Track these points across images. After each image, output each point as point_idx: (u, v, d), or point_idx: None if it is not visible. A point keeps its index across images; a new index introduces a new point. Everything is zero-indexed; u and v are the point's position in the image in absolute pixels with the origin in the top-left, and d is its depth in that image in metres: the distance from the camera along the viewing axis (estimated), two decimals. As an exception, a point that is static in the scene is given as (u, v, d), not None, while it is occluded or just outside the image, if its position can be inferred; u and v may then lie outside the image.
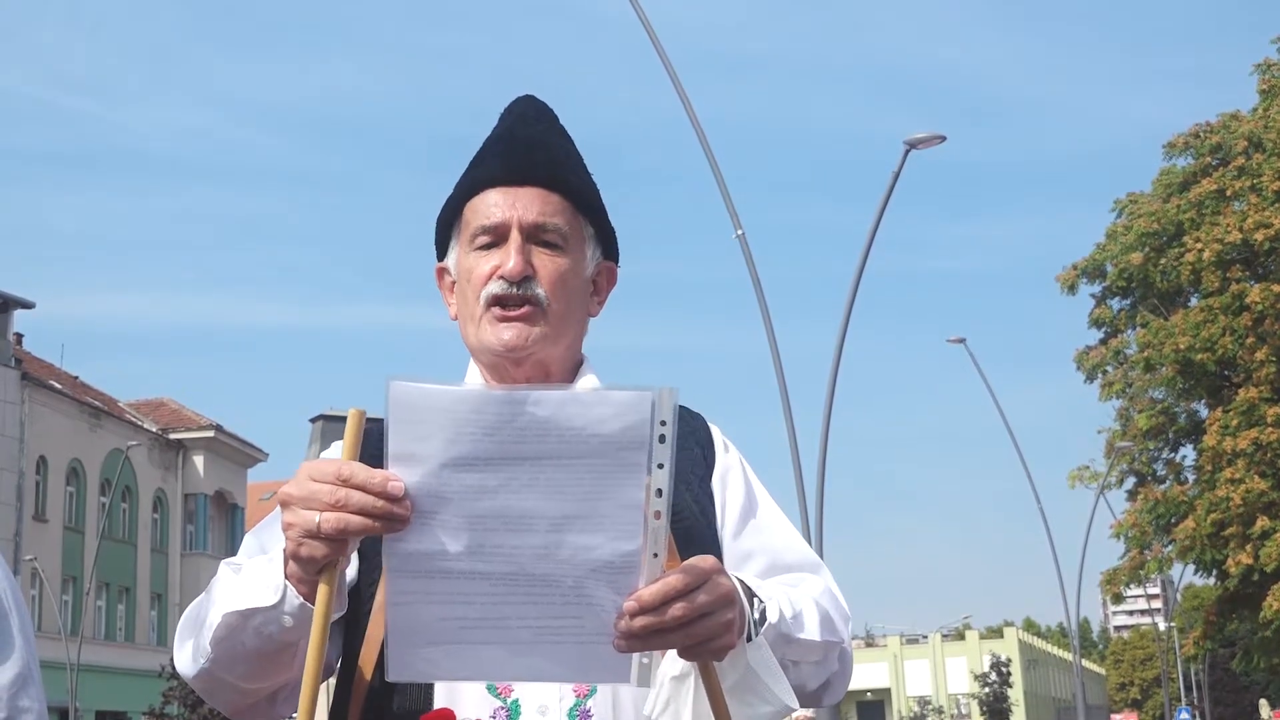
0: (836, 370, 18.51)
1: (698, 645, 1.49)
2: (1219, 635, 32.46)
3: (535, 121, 1.98)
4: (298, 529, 1.48)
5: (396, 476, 1.42)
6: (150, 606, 44.69)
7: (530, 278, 1.87)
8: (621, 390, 1.40)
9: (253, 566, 1.65)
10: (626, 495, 1.41)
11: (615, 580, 1.43)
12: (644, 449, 1.40)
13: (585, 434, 1.39)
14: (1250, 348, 27.26)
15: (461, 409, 1.38)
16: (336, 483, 1.45)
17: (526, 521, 1.41)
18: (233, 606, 1.61)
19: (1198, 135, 30.61)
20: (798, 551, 1.94)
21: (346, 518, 1.44)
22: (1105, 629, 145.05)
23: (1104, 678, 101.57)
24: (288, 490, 1.49)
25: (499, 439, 1.39)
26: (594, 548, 1.42)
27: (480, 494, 1.40)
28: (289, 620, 1.58)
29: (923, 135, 18.40)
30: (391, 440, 1.41)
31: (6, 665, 1.79)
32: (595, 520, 1.42)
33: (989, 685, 64.76)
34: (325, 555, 1.48)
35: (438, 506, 1.42)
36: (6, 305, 39.58)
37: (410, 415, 1.39)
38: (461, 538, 1.42)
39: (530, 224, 1.89)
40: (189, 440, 46.34)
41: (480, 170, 1.95)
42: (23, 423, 38.71)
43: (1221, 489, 26.78)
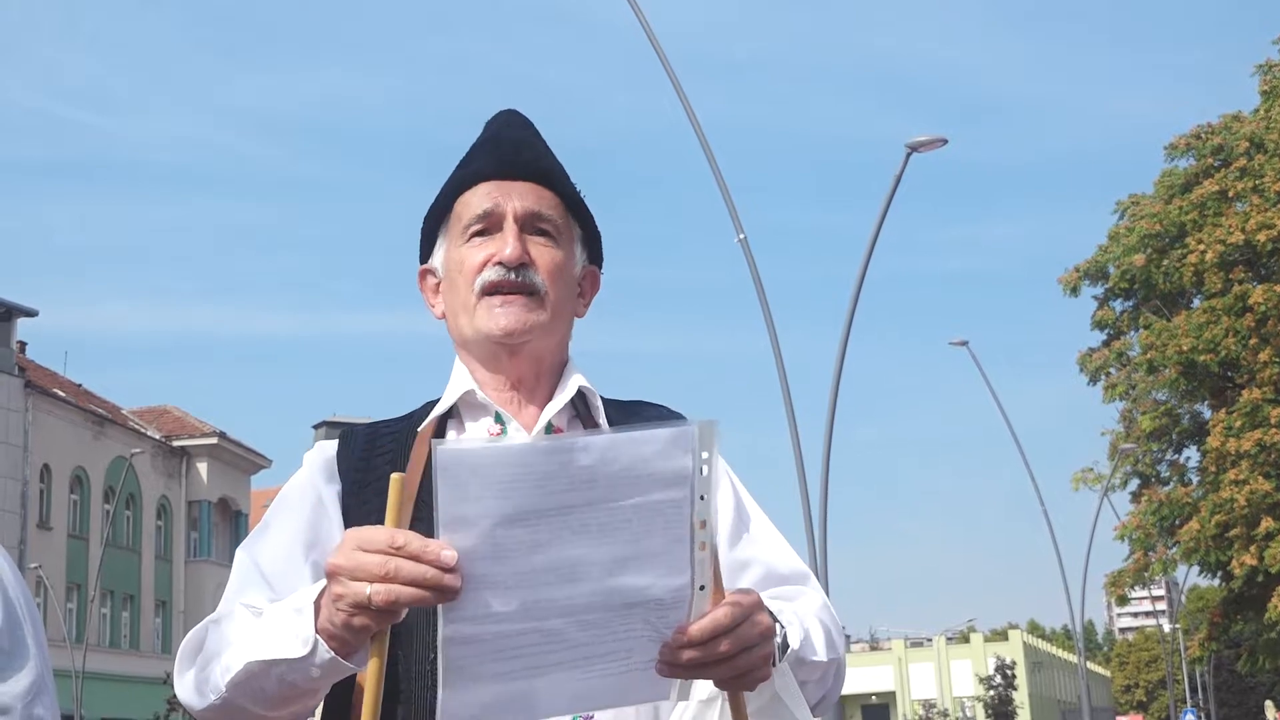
0: (840, 373, 18.50)
1: (738, 677, 1.51)
2: (1224, 637, 32.42)
3: (521, 128, 1.98)
4: (348, 600, 1.45)
5: (449, 545, 1.39)
6: (155, 614, 44.71)
7: (527, 265, 1.86)
8: (664, 427, 1.40)
9: (278, 614, 1.62)
10: (674, 531, 1.42)
11: (665, 615, 1.45)
12: (688, 483, 1.41)
13: (632, 475, 1.39)
14: (1253, 349, 27.23)
15: (509, 466, 1.37)
16: (388, 552, 1.42)
17: (580, 570, 1.41)
18: (256, 655, 1.59)
19: (1199, 136, 30.57)
20: (790, 562, 1.94)
21: (397, 590, 1.41)
22: (1110, 631, 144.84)
23: (1109, 680, 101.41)
24: (336, 561, 1.46)
25: (548, 490, 1.38)
26: (645, 588, 1.43)
27: (533, 549, 1.39)
28: (316, 672, 1.56)
29: (924, 138, 18.39)
30: (441, 506, 1.38)
31: (21, 674, 1.79)
32: (645, 560, 1.42)
33: (994, 688, 64.71)
34: (374, 626, 1.46)
35: (491, 567, 1.40)
36: (10, 314, 39.60)
37: (458, 479, 1.37)
38: (516, 595, 1.41)
39: (525, 213, 1.89)
40: (192, 448, 46.37)
41: (470, 167, 1.94)
42: (27, 431, 38.74)
43: (1225, 490, 26.74)
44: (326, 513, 1.85)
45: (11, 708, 1.76)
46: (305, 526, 1.83)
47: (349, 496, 1.85)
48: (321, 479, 1.88)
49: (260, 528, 1.87)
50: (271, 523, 1.86)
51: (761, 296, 17.28)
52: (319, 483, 1.87)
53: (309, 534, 1.83)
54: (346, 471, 1.87)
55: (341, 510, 1.85)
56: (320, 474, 1.88)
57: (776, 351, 17.21)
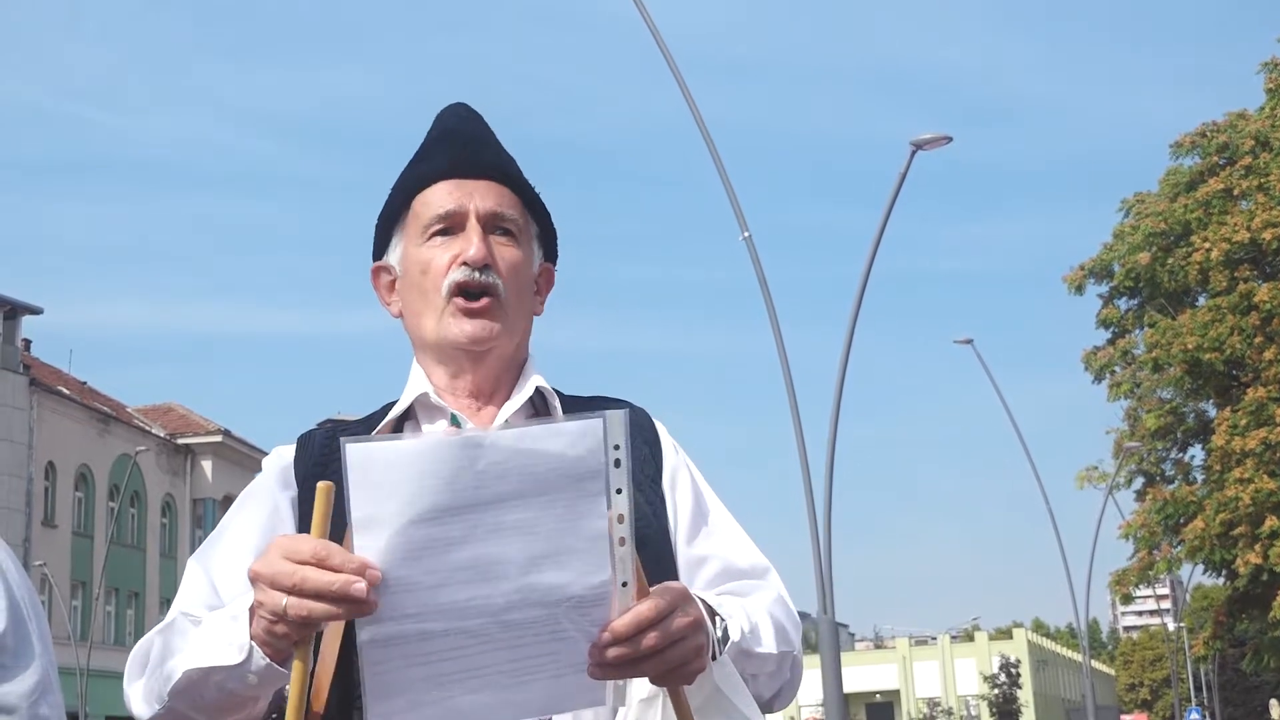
0: (844, 372, 18.48)
1: (671, 671, 1.49)
2: (1229, 635, 32.44)
3: (476, 123, 1.97)
4: (266, 609, 1.45)
5: (373, 563, 1.37)
6: (159, 611, 44.72)
7: (490, 265, 1.85)
8: (572, 420, 1.39)
9: (215, 622, 1.62)
10: (591, 526, 1.39)
11: (588, 613, 1.42)
12: (601, 476, 1.38)
13: (543, 469, 1.37)
14: (1258, 347, 27.22)
15: (419, 463, 1.35)
16: (310, 563, 1.41)
17: (497, 568, 1.39)
18: (194, 663, 1.59)
19: (1205, 135, 30.56)
20: (749, 556, 1.92)
21: (310, 604, 1.40)
22: (1114, 629, 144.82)
23: (1113, 678, 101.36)
24: (257, 568, 1.46)
25: (459, 486, 1.36)
26: (565, 585, 1.40)
27: (448, 546, 1.37)
28: (253, 678, 1.55)
29: (929, 136, 18.36)
30: (353, 505, 1.36)
31: (26, 673, 1.79)
32: (564, 556, 1.39)
33: (998, 686, 64.73)
34: (294, 636, 1.45)
35: (407, 568, 1.38)
36: (15, 312, 39.65)
37: (369, 477, 1.35)
38: (434, 596, 1.39)
39: (487, 212, 1.88)
40: (197, 445, 46.42)
41: (428, 164, 1.92)
42: (31, 428, 38.78)
43: (1230, 489, 26.74)
44: (282, 520, 1.83)
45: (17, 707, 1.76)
46: (258, 534, 1.81)
47: (305, 503, 1.82)
48: (277, 485, 1.86)
49: (214, 535, 1.85)
50: (225, 530, 1.85)
51: (766, 295, 17.27)
52: (274, 489, 1.86)
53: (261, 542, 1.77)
54: (303, 477, 1.85)
55: (297, 517, 1.83)
56: (276, 480, 1.87)
57: (781, 350, 17.19)
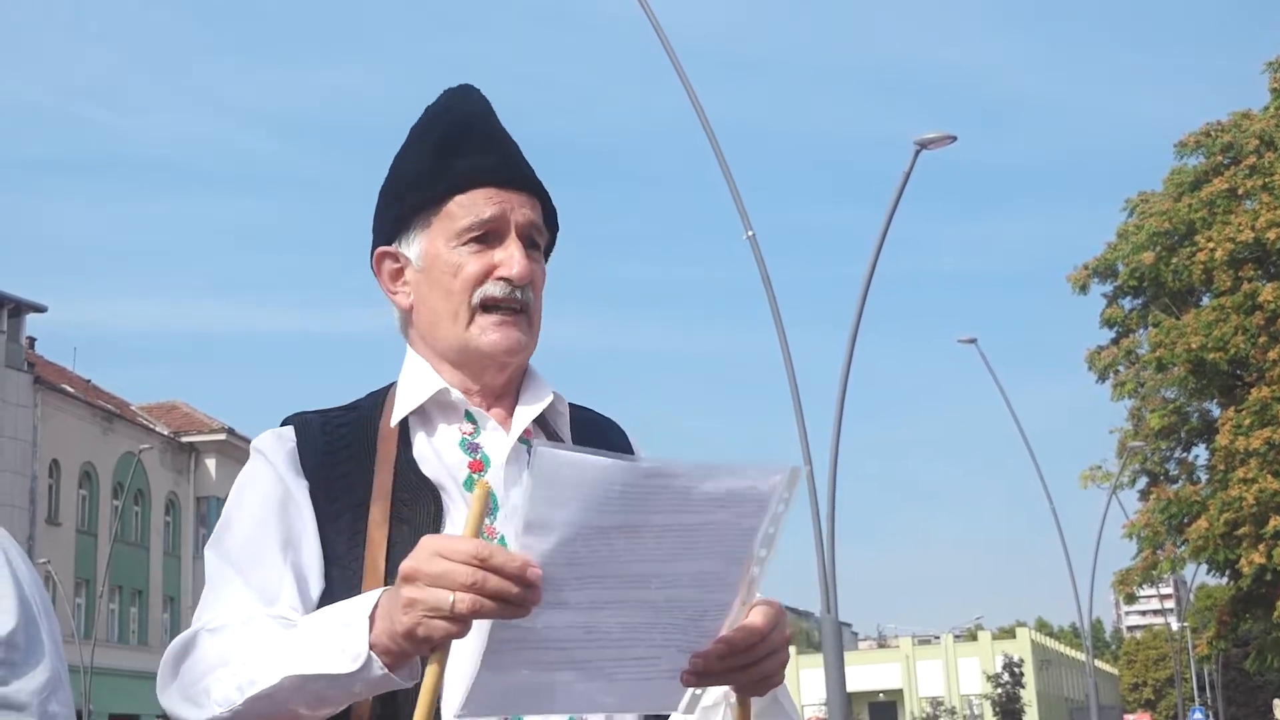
0: (848, 371, 18.49)
1: (759, 682, 1.53)
2: (1232, 635, 32.38)
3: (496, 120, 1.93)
4: (424, 606, 1.42)
5: (534, 563, 1.39)
6: (163, 609, 44.78)
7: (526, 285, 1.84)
8: (754, 464, 1.43)
9: (322, 627, 1.55)
10: (735, 554, 1.45)
11: (705, 625, 1.48)
12: (763, 516, 1.44)
13: (714, 503, 1.42)
14: (1263, 347, 27.19)
15: (604, 478, 1.38)
16: (474, 563, 1.40)
17: (641, 580, 1.43)
18: (295, 670, 1.52)
19: (1209, 134, 30.52)
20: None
21: (482, 601, 1.39)
22: (1118, 629, 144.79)
23: (1117, 678, 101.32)
24: (416, 565, 1.43)
25: (631, 507, 1.40)
26: (695, 601, 1.46)
27: (608, 560, 1.41)
28: (359, 687, 1.52)
29: (933, 135, 18.37)
30: (529, 507, 1.38)
31: (36, 671, 1.80)
32: (702, 577, 1.45)
33: (1001, 686, 64.71)
34: (446, 635, 1.43)
35: (561, 572, 1.41)
36: (19, 309, 39.68)
37: (552, 482, 1.38)
38: (576, 597, 1.43)
39: (526, 226, 1.86)
40: (201, 443, 46.43)
41: (467, 162, 1.86)
42: (35, 426, 38.81)
43: (1234, 488, 26.71)
44: (299, 510, 1.78)
45: (27, 704, 1.77)
46: (277, 524, 1.77)
47: (318, 492, 1.79)
48: (289, 472, 1.81)
49: (224, 525, 1.80)
50: (239, 520, 1.79)
51: (770, 294, 17.28)
52: (287, 476, 1.81)
53: (282, 532, 1.76)
54: (312, 467, 1.81)
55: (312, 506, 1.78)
56: (286, 466, 1.82)
57: (785, 349, 17.20)
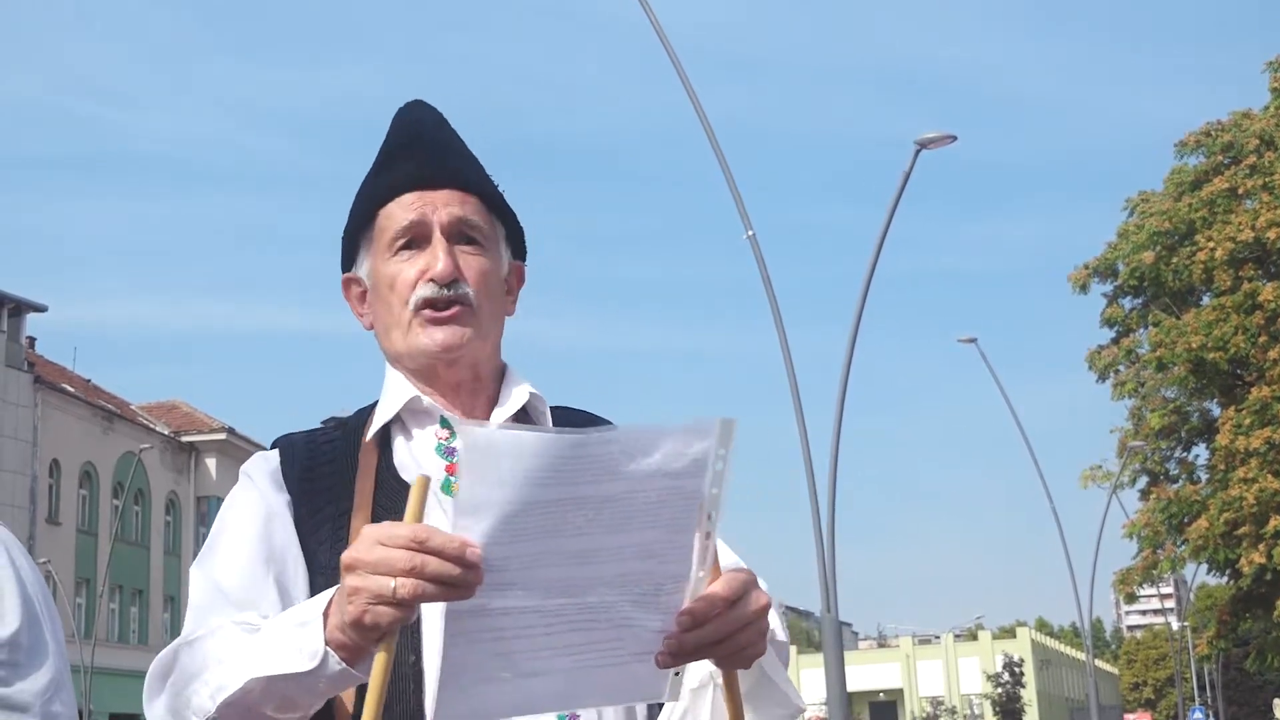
0: (848, 371, 18.50)
1: (737, 654, 1.50)
2: (1232, 635, 32.35)
3: (435, 126, 1.96)
4: (367, 594, 1.43)
5: (473, 543, 1.40)
6: (163, 609, 44.80)
7: (458, 279, 1.85)
8: (684, 423, 1.42)
9: (280, 629, 1.58)
10: (682, 521, 1.43)
11: (665, 601, 1.46)
12: (702, 477, 1.42)
13: (649, 467, 1.40)
14: (1263, 346, 27.19)
15: (532, 453, 1.38)
16: (412, 547, 1.41)
17: (587, 555, 1.42)
18: (258, 672, 1.55)
19: (1209, 134, 30.51)
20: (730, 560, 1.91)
21: (423, 585, 1.40)
22: (1118, 628, 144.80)
23: (1117, 677, 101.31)
24: (356, 555, 1.44)
25: (567, 479, 1.39)
26: (647, 573, 1.44)
27: (544, 534, 1.41)
28: (323, 685, 1.54)
29: (933, 135, 18.37)
30: (464, 488, 1.39)
31: (40, 672, 1.80)
32: (649, 546, 1.43)
33: (1002, 685, 64.76)
34: (393, 621, 1.44)
35: (503, 550, 1.41)
36: (19, 309, 39.69)
37: (482, 461, 1.38)
38: (522, 575, 1.43)
39: (451, 223, 1.87)
40: (201, 443, 46.44)
41: (390, 175, 1.91)
42: (35, 426, 38.82)
43: (1234, 488, 26.70)
44: (281, 525, 1.82)
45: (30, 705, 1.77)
46: (260, 540, 1.80)
47: (299, 506, 1.83)
48: (271, 490, 1.85)
49: (210, 545, 1.83)
50: (224, 538, 1.83)
51: (770, 293, 17.28)
52: (269, 494, 1.85)
53: (265, 548, 1.80)
54: (295, 482, 1.85)
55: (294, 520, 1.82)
56: (269, 485, 1.86)
57: (785, 348, 17.20)
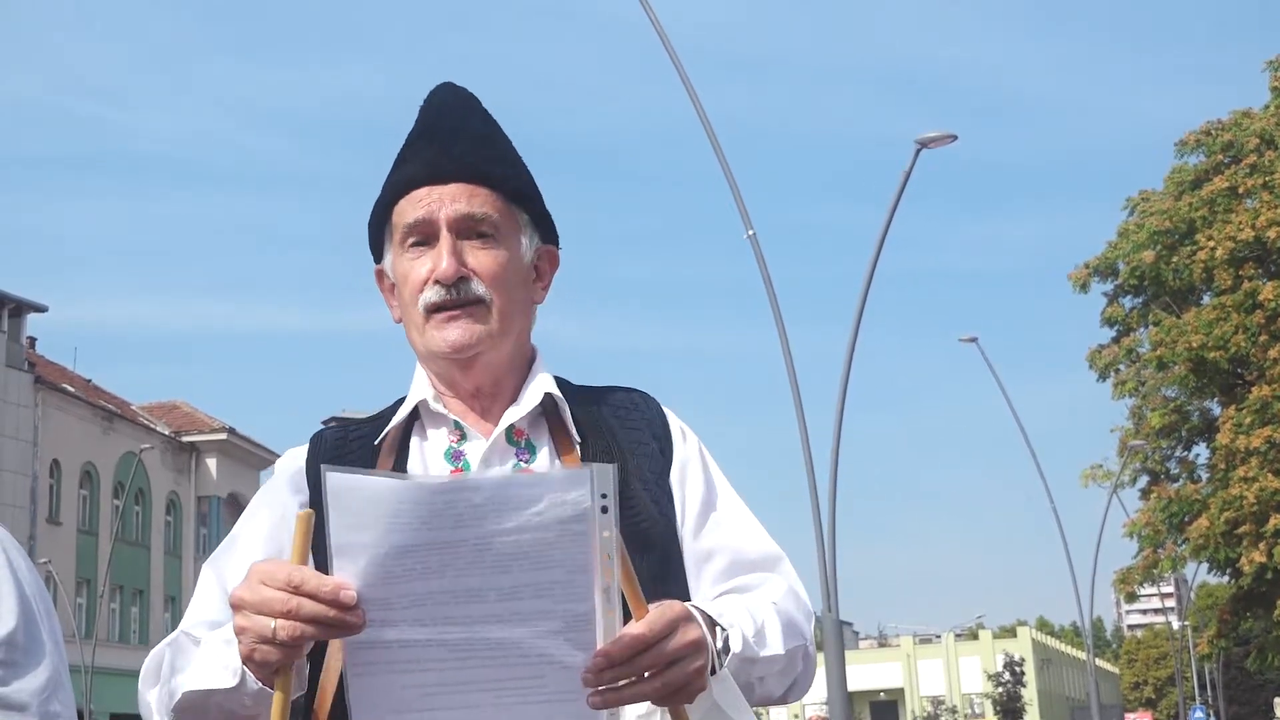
0: (849, 370, 18.50)
1: (672, 694, 1.48)
2: (1233, 634, 32.35)
3: (454, 112, 1.92)
4: (252, 634, 1.46)
5: (348, 584, 1.41)
6: (164, 609, 44.78)
7: (466, 278, 1.81)
8: (556, 472, 1.41)
9: (211, 644, 1.64)
10: (574, 561, 1.40)
11: (575, 639, 1.42)
12: (585, 520, 1.39)
13: (527, 514, 1.38)
14: (1263, 345, 27.18)
15: (397, 500, 1.38)
16: (288, 589, 1.42)
17: (476, 594, 1.41)
18: (193, 685, 1.62)
19: (1209, 133, 30.51)
20: (759, 546, 1.89)
21: (300, 626, 1.42)
22: (1119, 628, 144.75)
23: (1118, 677, 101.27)
24: (240, 594, 1.46)
25: (438, 525, 1.38)
26: (546, 611, 1.41)
27: (425, 574, 1.40)
28: (249, 701, 1.58)
29: (934, 134, 18.38)
30: (332, 531, 1.40)
31: (37, 671, 1.80)
32: (544, 586, 1.41)
33: (1003, 685, 64.69)
34: (279, 659, 1.46)
35: (384, 590, 1.41)
36: (20, 309, 39.67)
37: (348, 505, 1.39)
38: (413, 613, 1.42)
39: (458, 219, 1.83)
40: (202, 443, 46.41)
41: (403, 170, 1.88)
42: (36, 426, 38.81)
43: (1235, 487, 26.70)
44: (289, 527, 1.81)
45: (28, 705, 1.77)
46: (268, 541, 1.81)
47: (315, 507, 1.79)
48: (288, 491, 1.86)
49: (228, 541, 1.85)
50: (239, 537, 1.85)
51: (771, 293, 17.28)
52: (284, 496, 1.86)
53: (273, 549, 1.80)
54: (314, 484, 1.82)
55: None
56: (287, 486, 1.87)
57: (785, 348, 17.20)
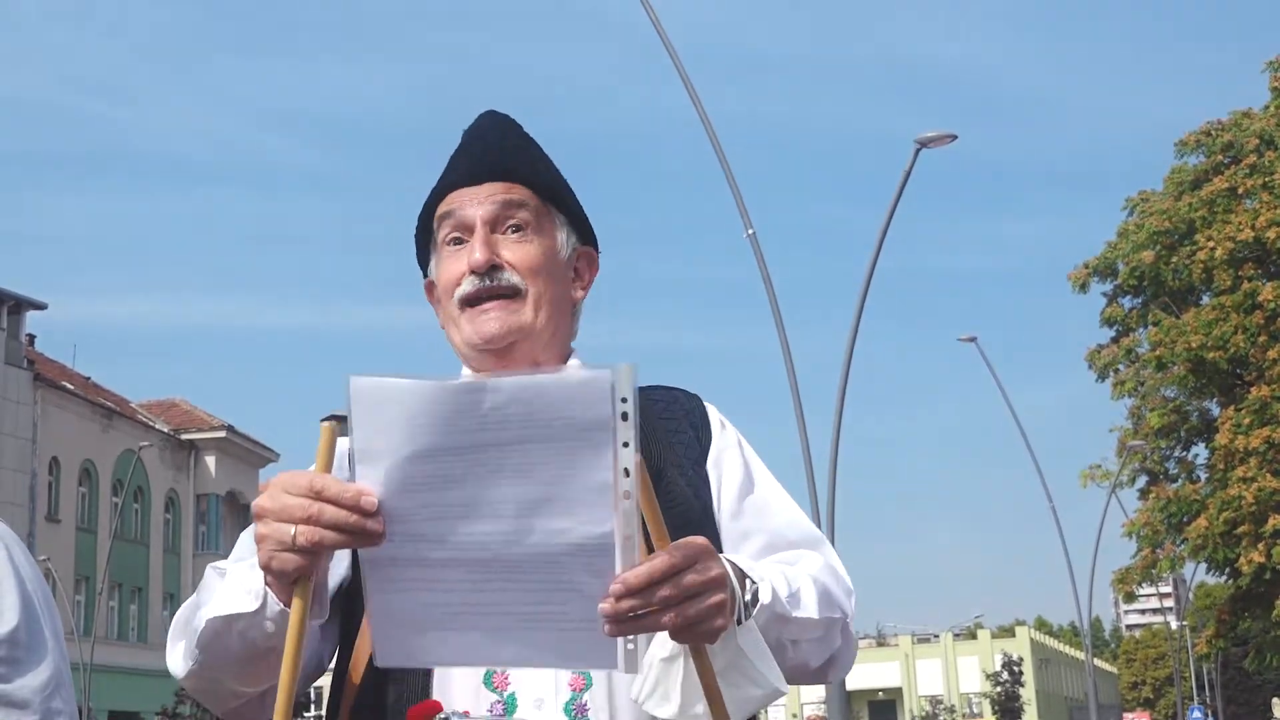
0: (848, 369, 18.50)
1: (688, 628, 1.46)
2: (1231, 634, 32.34)
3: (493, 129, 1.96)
4: (271, 541, 1.47)
5: (369, 490, 1.41)
6: (163, 607, 44.78)
7: (499, 267, 1.84)
8: (579, 371, 1.38)
9: (236, 571, 1.66)
10: (594, 477, 1.38)
11: (594, 564, 1.40)
12: (607, 428, 1.36)
13: (547, 417, 1.36)
14: (1262, 346, 27.18)
15: (420, 401, 1.38)
16: (310, 496, 1.44)
17: (494, 507, 1.39)
18: (216, 611, 1.63)
19: (1209, 133, 30.49)
20: (798, 528, 1.90)
21: (320, 532, 1.44)
22: (1117, 628, 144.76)
23: (1116, 676, 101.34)
24: (261, 503, 1.49)
25: (460, 428, 1.37)
26: (565, 531, 1.39)
27: (446, 483, 1.40)
28: (271, 626, 1.58)
29: (934, 134, 18.38)
30: (355, 437, 1.41)
31: (39, 669, 1.81)
32: (564, 503, 1.38)
33: (1001, 684, 64.76)
34: (298, 568, 1.47)
35: (405, 499, 1.41)
36: (19, 306, 39.67)
37: (371, 410, 1.39)
38: (432, 527, 1.42)
39: (492, 213, 1.87)
40: (201, 441, 46.43)
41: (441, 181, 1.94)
42: (35, 424, 38.81)
43: (1234, 487, 26.70)
44: None
45: (30, 701, 1.78)
46: None
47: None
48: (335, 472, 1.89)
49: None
50: None
51: (770, 292, 17.28)
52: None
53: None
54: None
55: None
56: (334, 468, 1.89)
57: (785, 347, 17.20)
